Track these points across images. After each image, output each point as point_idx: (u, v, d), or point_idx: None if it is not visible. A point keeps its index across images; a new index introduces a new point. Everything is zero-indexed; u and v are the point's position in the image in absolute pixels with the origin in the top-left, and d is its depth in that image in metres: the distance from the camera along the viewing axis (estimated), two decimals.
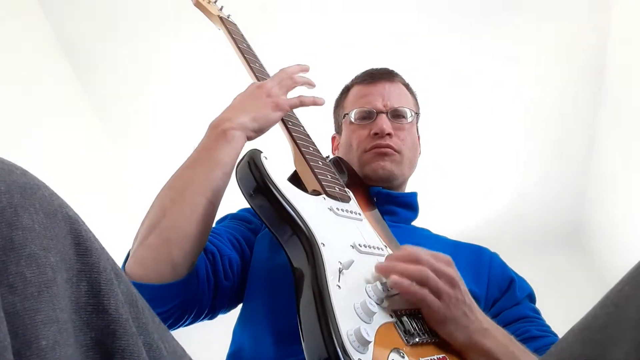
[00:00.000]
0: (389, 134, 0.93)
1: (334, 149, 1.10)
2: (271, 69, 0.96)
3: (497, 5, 2.14)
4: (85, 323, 0.38)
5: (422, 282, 0.62)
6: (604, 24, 2.20)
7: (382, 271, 0.65)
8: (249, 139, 0.80)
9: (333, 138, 1.11)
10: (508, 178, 2.76)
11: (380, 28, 2.20)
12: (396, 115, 0.97)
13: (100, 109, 2.42)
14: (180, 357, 0.50)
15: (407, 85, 1.07)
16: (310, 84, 0.91)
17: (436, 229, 1.00)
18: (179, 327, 0.77)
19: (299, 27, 2.21)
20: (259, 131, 0.80)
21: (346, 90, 1.08)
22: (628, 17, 2.09)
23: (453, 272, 0.64)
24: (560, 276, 2.81)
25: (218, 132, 0.76)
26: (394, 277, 0.62)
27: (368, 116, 0.97)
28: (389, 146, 0.93)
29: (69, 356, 0.33)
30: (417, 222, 1.02)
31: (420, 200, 1.03)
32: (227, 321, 0.86)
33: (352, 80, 1.09)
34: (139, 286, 0.64)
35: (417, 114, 1.02)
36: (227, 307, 0.84)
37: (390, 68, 1.07)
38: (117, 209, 2.53)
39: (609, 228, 2.69)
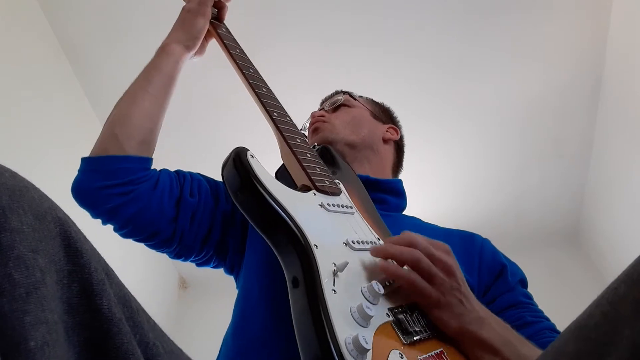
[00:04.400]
0: (319, 116, 1.07)
1: None
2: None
3: (498, 5, 2.13)
4: (78, 323, 0.39)
5: (414, 265, 0.62)
6: (604, 24, 2.19)
7: (377, 253, 0.65)
8: (188, 48, 0.94)
9: None
10: (508, 177, 2.76)
11: (380, 21, 2.19)
12: (331, 105, 1.12)
13: (101, 109, 2.42)
14: (178, 355, 0.50)
15: (343, 93, 1.18)
16: None
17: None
18: (136, 230, 0.79)
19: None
20: (194, 38, 0.95)
21: None
22: (628, 16, 2.08)
23: (450, 259, 0.64)
24: (560, 275, 2.81)
25: (158, 50, 0.94)
26: (382, 262, 0.63)
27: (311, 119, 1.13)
28: (317, 121, 1.06)
29: (59, 357, 0.33)
30: (412, 214, 1.02)
31: (421, 199, 1.04)
32: (225, 318, 0.86)
33: None
34: (89, 160, 0.79)
35: (351, 95, 1.14)
36: (189, 234, 0.83)
37: (337, 90, 1.21)
38: None
39: (609, 227, 2.68)
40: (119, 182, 0.76)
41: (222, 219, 0.87)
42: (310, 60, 2.27)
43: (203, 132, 2.45)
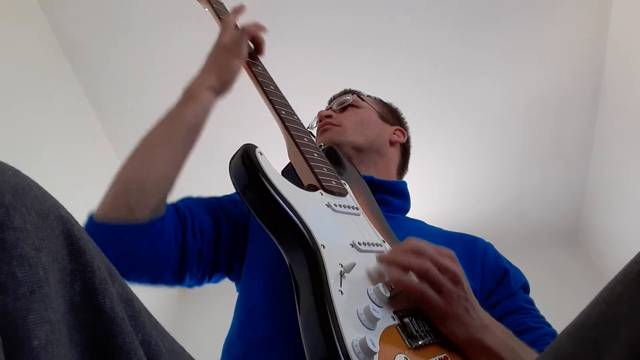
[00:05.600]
0: (327, 116, 1.06)
1: None
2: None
3: (498, 6, 2.13)
4: (81, 323, 0.38)
5: (422, 275, 0.62)
6: (604, 25, 2.19)
7: (384, 261, 0.65)
8: (219, 94, 0.86)
9: None
10: (508, 177, 2.76)
11: (381, 23, 2.19)
12: (339, 104, 1.11)
13: (101, 109, 2.42)
14: (179, 354, 0.50)
15: (353, 93, 1.17)
16: (260, 28, 0.95)
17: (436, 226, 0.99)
18: (140, 281, 0.77)
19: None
20: (227, 83, 0.86)
21: None
22: (628, 17, 2.08)
23: (456, 268, 0.63)
24: (560, 275, 2.81)
25: (185, 94, 0.83)
26: (393, 273, 0.62)
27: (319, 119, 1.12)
28: (326, 122, 1.05)
29: (62, 356, 0.33)
30: (413, 215, 1.02)
31: (421, 199, 1.04)
32: (225, 318, 0.86)
33: None
34: (98, 227, 0.71)
35: (359, 96, 1.12)
36: (197, 272, 0.83)
37: (345, 89, 1.20)
38: None
39: (609, 227, 2.68)
40: (132, 250, 0.72)
41: (227, 248, 0.86)
42: (311, 62, 2.27)
43: (207, 130, 2.45)
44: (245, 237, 0.88)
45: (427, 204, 2.72)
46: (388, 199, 0.97)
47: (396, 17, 2.16)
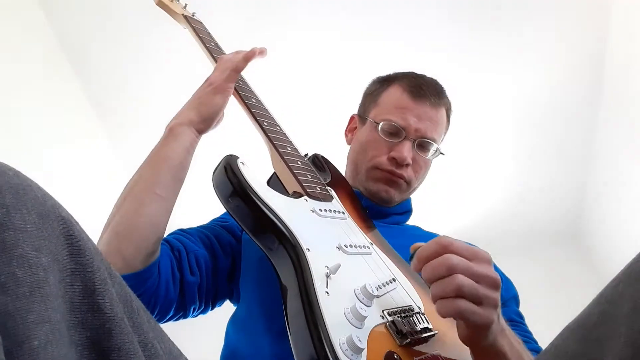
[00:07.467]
0: (407, 165, 0.92)
1: (349, 130, 1.06)
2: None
3: (498, 5, 2.13)
4: (80, 322, 0.39)
5: (460, 295, 0.54)
6: (604, 24, 2.19)
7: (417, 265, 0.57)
8: (200, 131, 0.82)
9: (352, 118, 1.07)
10: (508, 177, 2.76)
11: (382, 21, 2.20)
12: (421, 145, 0.94)
13: (100, 108, 2.42)
14: (176, 357, 0.50)
15: (447, 109, 1.02)
16: (259, 53, 0.88)
17: (435, 228, 1.00)
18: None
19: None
20: (208, 119, 0.82)
21: (386, 83, 1.01)
22: (628, 16, 2.08)
23: (492, 272, 0.56)
24: (560, 275, 2.81)
25: (166, 132, 0.80)
26: (439, 306, 0.55)
27: (395, 134, 0.93)
28: (402, 177, 0.92)
29: (62, 356, 0.33)
30: (412, 221, 1.02)
31: (420, 199, 1.03)
32: (222, 318, 0.86)
33: (397, 75, 1.02)
34: None
35: (441, 153, 0.99)
36: (200, 305, 0.83)
37: (439, 84, 1.03)
38: None
39: (609, 227, 2.68)
40: None
41: (226, 276, 0.86)
42: (322, 53, 2.26)
43: None
44: (239, 256, 0.87)
45: (427, 204, 2.72)
46: (391, 216, 0.97)
47: (397, 16, 2.16)
